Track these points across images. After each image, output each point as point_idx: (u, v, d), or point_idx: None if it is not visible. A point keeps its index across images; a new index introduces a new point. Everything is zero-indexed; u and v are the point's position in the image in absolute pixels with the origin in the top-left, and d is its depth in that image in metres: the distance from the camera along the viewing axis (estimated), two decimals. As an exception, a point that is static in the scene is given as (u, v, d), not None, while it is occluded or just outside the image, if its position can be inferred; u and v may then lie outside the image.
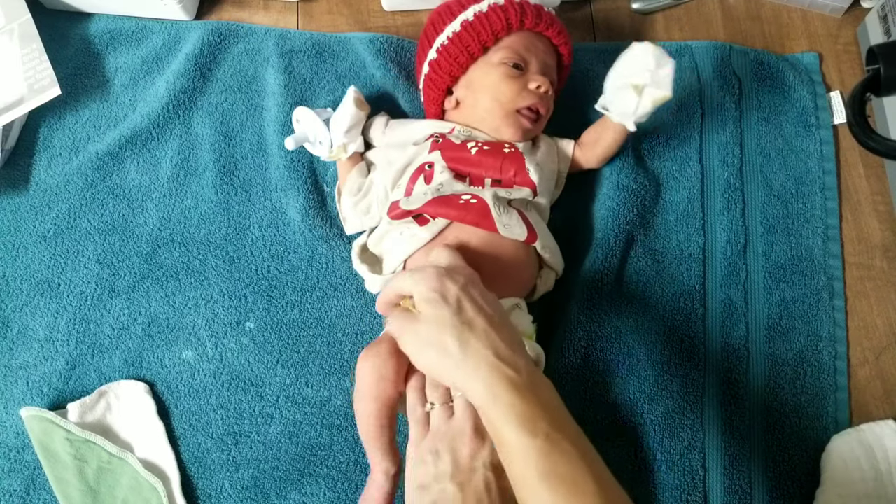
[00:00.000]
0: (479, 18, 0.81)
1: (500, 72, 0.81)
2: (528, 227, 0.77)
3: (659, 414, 0.81)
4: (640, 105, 0.78)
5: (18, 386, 0.83)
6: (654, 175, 0.91)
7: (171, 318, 0.85)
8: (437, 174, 0.79)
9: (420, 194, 0.78)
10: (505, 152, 0.80)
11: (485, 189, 0.78)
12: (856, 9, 1.01)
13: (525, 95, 0.81)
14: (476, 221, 0.75)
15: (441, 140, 0.81)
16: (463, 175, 0.80)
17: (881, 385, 0.85)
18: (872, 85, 0.74)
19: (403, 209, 0.77)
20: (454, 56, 0.82)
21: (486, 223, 0.75)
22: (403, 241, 0.78)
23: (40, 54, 0.92)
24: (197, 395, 0.83)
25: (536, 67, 0.82)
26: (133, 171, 0.92)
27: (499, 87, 0.81)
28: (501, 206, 0.76)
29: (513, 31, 0.82)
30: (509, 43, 0.82)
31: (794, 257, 0.89)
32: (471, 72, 0.83)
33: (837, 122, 0.95)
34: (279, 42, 0.97)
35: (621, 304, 0.86)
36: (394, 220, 0.78)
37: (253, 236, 0.88)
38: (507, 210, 0.76)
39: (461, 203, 0.76)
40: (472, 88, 0.83)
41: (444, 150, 0.80)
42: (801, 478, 0.81)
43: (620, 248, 0.86)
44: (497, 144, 0.81)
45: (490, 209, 0.75)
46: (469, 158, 0.79)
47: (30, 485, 0.80)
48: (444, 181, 0.78)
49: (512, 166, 0.79)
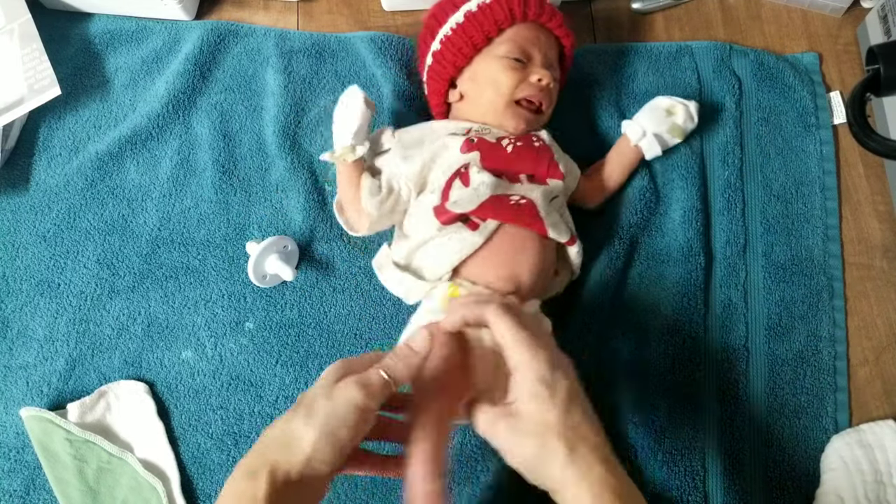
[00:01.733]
0: (483, 9, 0.81)
1: (503, 63, 0.81)
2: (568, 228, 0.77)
3: (659, 414, 0.81)
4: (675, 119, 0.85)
5: (18, 386, 0.83)
6: (655, 176, 0.91)
7: (170, 319, 0.85)
8: (473, 175, 0.76)
9: (469, 196, 0.74)
10: (536, 146, 0.80)
11: (524, 185, 0.78)
12: (856, 9, 1.01)
13: (524, 87, 0.80)
14: (529, 223, 0.74)
15: (476, 140, 0.79)
16: (499, 173, 0.78)
17: (881, 385, 0.85)
18: (872, 85, 0.74)
19: (455, 212, 0.73)
20: (458, 47, 0.82)
21: (536, 224, 0.74)
22: (452, 245, 0.74)
23: (40, 54, 0.92)
24: (196, 396, 0.83)
25: (539, 60, 0.82)
26: (133, 171, 0.92)
27: (500, 79, 0.80)
28: (547, 206, 0.76)
29: (516, 21, 0.81)
30: (512, 35, 0.81)
31: (793, 257, 0.89)
32: (475, 63, 0.83)
33: (837, 122, 0.95)
34: (279, 42, 0.97)
35: (625, 306, 0.86)
36: (444, 226, 0.74)
37: (252, 236, 0.88)
38: (550, 211, 0.76)
39: (512, 204, 0.75)
40: (476, 80, 0.83)
41: (482, 150, 0.78)
42: (801, 478, 0.81)
43: (625, 250, 0.86)
44: (527, 138, 0.81)
45: (539, 210, 0.75)
46: (507, 156, 0.78)
47: (30, 485, 0.80)
48: (487, 181, 0.75)
49: (544, 159, 0.79)
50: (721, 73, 0.96)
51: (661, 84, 0.96)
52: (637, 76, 0.96)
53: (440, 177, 0.78)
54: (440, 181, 0.78)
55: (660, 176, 0.91)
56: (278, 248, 0.84)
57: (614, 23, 1.02)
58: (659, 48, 0.98)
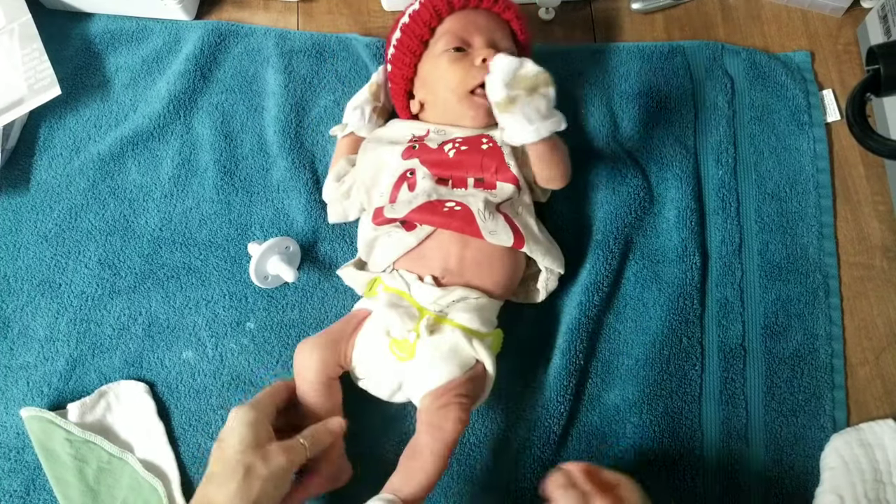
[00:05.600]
0: (413, 16, 0.82)
1: (445, 58, 0.81)
2: (515, 231, 0.76)
3: (658, 414, 0.82)
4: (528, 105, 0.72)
5: (19, 386, 0.83)
6: (649, 176, 0.91)
7: (171, 319, 0.85)
8: (419, 181, 0.78)
9: (405, 202, 0.77)
10: (483, 149, 0.79)
11: (467, 191, 0.78)
12: (856, 9, 1.01)
13: (473, 74, 0.79)
14: (461, 228, 0.75)
15: (417, 146, 0.80)
16: (445, 179, 0.79)
17: (881, 385, 0.85)
18: (872, 85, 0.74)
19: (387, 217, 0.77)
20: (401, 59, 0.83)
21: (470, 229, 0.74)
22: (391, 244, 0.78)
23: (40, 54, 0.92)
24: (197, 396, 0.83)
25: (480, 42, 0.81)
26: (134, 171, 0.92)
27: (446, 74, 0.80)
28: (487, 213, 0.75)
29: (443, 16, 0.82)
30: (446, 28, 0.82)
31: (789, 256, 0.89)
32: (420, 70, 0.83)
33: (830, 119, 0.95)
34: (279, 42, 0.97)
35: (620, 305, 0.86)
36: (377, 227, 0.78)
37: (254, 237, 0.88)
38: (492, 216, 0.76)
39: (445, 211, 0.75)
40: (427, 86, 0.83)
41: (421, 156, 0.79)
42: (801, 477, 0.81)
43: (619, 250, 0.87)
44: (475, 141, 0.80)
45: (475, 216, 0.75)
46: (448, 161, 0.79)
47: (30, 485, 0.80)
48: (428, 188, 0.77)
49: (492, 162, 0.78)
50: (713, 72, 0.96)
51: (654, 84, 0.96)
52: (630, 76, 0.96)
53: (387, 180, 0.80)
54: (387, 184, 0.80)
55: (654, 175, 0.91)
56: (280, 249, 0.84)
57: (614, 23, 1.02)
58: (651, 48, 0.98)
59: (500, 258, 0.77)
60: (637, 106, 0.94)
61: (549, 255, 0.79)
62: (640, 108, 0.94)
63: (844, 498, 0.76)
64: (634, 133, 0.93)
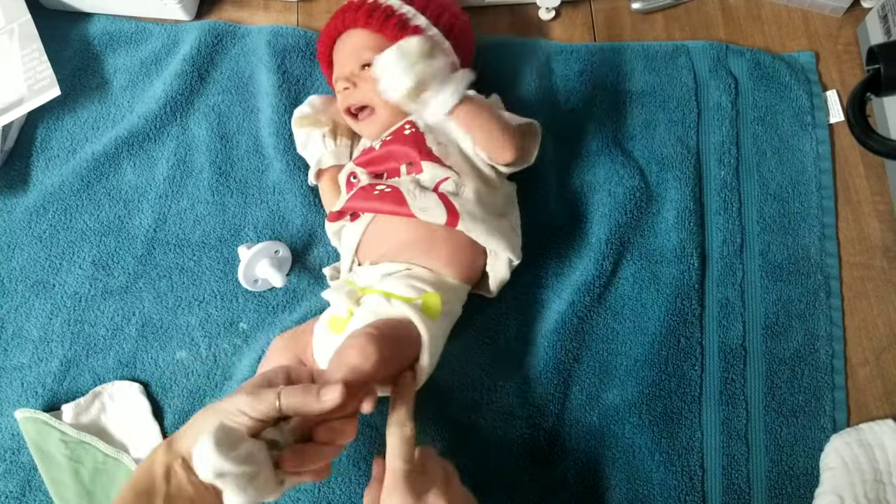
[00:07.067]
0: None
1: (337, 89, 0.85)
2: (450, 209, 0.74)
3: (657, 414, 0.81)
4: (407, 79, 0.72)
5: (13, 387, 0.83)
6: (650, 176, 0.91)
7: (164, 319, 0.85)
8: (361, 178, 0.80)
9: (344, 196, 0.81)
10: (406, 135, 0.80)
11: (400, 178, 0.79)
12: (856, 9, 1.01)
13: (340, 99, 0.84)
14: (392, 210, 0.75)
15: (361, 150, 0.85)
16: (380, 174, 0.81)
17: (881, 385, 0.84)
18: (872, 85, 0.74)
19: (332, 212, 0.81)
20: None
21: (402, 210, 0.75)
22: (346, 238, 0.81)
23: (40, 55, 0.92)
24: (191, 396, 0.82)
25: (338, 72, 0.85)
26: (129, 172, 0.92)
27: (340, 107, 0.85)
28: (417, 191, 0.75)
29: (325, 57, 0.88)
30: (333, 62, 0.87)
31: (790, 256, 0.89)
32: None
33: (833, 120, 0.95)
34: (272, 41, 0.96)
35: (618, 306, 0.85)
36: (331, 222, 0.82)
37: (248, 238, 0.88)
38: (423, 193, 0.75)
39: (376, 194, 0.76)
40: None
41: (361, 157, 0.83)
42: (800, 477, 0.81)
43: (614, 250, 0.86)
44: (399, 130, 0.81)
45: (404, 196, 0.75)
46: (378, 156, 0.81)
47: (25, 486, 0.79)
48: (362, 182, 0.79)
49: (414, 147, 0.79)
50: (717, 72, 0.96)
51: (658, 83, 0.95)
52: (633, 75, 0.96)
53: (342, 180, 0.84)
54: (342, 184, 0.84)
55: (654, 175, 0.91)
56: (269, 253, 0.84)
57: (614, 22, 1.02)
58: (655, 48, 0.98)
59: (442, 238, 0.76)
60: (639, 105, 0.94)
61: (494, 237, 0.75)
62: (643, 108, 0.94)
63: (844, 498, 0.75)
64: (636, 133, 0.93)
